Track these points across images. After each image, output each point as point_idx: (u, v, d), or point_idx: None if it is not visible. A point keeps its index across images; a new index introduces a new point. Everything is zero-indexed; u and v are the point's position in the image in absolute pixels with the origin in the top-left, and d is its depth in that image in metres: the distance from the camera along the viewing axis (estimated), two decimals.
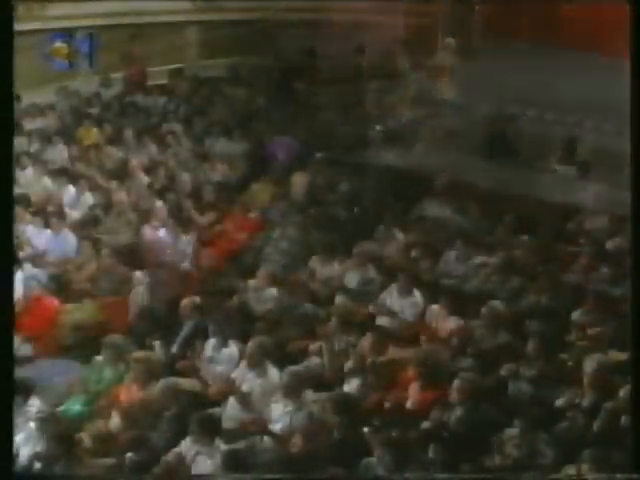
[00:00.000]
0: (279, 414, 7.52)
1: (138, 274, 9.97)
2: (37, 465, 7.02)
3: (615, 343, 7.99)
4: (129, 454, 7.03)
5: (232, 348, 8.39)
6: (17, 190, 9.24)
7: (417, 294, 9.05)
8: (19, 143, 11.70)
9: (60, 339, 9.45)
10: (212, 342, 8.45)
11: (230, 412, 7.68)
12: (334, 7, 14.90)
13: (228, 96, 14.68)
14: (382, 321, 8.83)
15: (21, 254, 9.88)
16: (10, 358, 5.60)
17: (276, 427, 7.45)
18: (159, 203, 11.11)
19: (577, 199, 10.77)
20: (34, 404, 7.60)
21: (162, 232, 10.57)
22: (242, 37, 15.60)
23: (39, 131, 13.10)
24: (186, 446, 7.06)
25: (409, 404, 7.57)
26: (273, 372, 7.93)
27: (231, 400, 7.75)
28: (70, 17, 13.03)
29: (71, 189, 11.56)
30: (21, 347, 8.52)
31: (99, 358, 8.36)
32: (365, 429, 7.00)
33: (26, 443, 7.23)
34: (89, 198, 11.41)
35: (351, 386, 7.86)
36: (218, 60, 15.95)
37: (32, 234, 10.54)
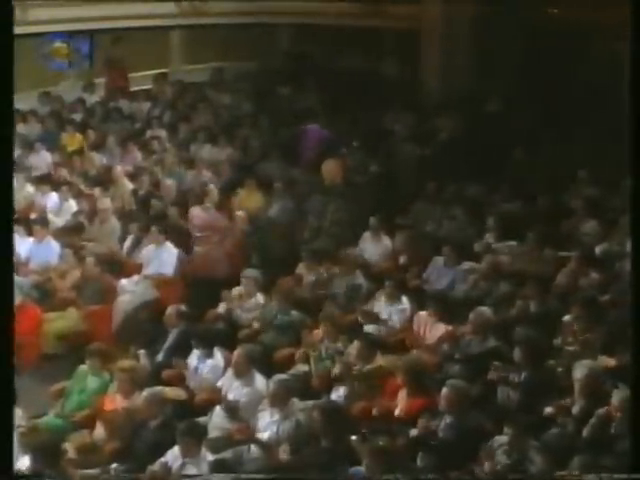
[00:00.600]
0: (266, 423, 7.53)
1: (123, 282, 9.99)
2: None
3: (605, 349, 8.03)
4: (114, 464, 7.04)
5: (218, 357, 8.41)
6: None
7: (405, 300, 9.10)
8: None
9: (43, 348, 9.46)
10: (197, 351, 8.46)
11: (216, 421, 7.70)
12: (321, 11, 14.92)
13: (213, 101, 14.72)
14: (370, 328, 8.86)
15: None
16: (10, 361, 5.62)
17: (263, 436, 7.46)
18: (211, 185, 11.34)
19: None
20: (17, 415, 7.58)
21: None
22: (226, 41, 15.63)
23: (21, 137, 13.10)
24: (173, 456, 7.07)
25: (397, 412, 7.59)
26: (260, 380, 7.95)
27: (217, 409, 7.77)
28: (52, 22, 13.03)
29: (54, 196, 11.57)
30: None
31: (83, 367, 8.36)
32: (353, 437, 7.03)
33: None
34: (73, 205, 11.42)
35: (338, 394, 7.90)
36: (202, 65, 15.98)
37: (15, 242, 10.53)
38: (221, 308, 9.43)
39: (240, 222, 10.97)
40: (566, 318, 8.44)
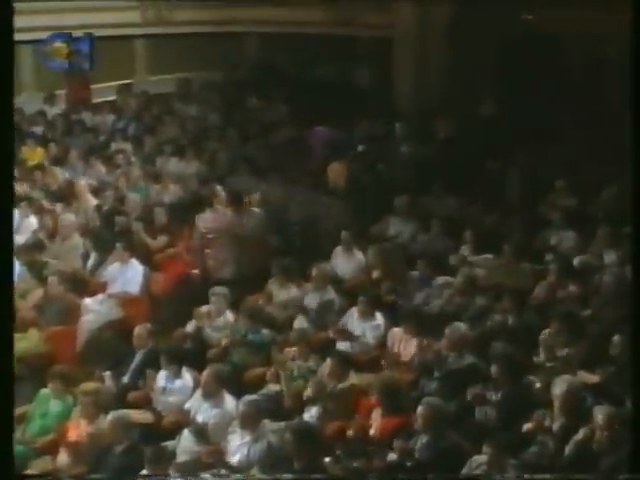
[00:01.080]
0: (237, 445, 7.50)
1: (87, 301, 9.93)
2: None
3: (585, 364, 8.06)
4: None
5: (186, 377, 8.38)
6: None
7: (379, 316, 9.11)
8: None
9: None
10: (165, 371, 8.42)
11: (185, 444, 7.65)
12: (290, 19, 14.95)
13: (179, 113, 14.69)
14: (343, 345, 8.87)
15: None
16: (10, 357, 5.59)
17: (234, 459, 7.43)
18: (219, 187, 11.42)
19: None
20: None
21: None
22: (193, 51, 15.62)
23: None
24: None
25: (372, 432, 7.58)
26: (229, 401, 7.91)
27: (186, 432, 7.73)
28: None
29: (14, 212, 11.47)
30: None
31: (45, 391, 8.29)
32: (327, 459, 7.01)
33: None
34: (33, 222, 11.34)
35: (311, 414, 7.89)
36: (168, 75, 15.96)
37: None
38: (190, 327, 9.40)
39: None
40: (545, 333, 8.46)
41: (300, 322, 9.36)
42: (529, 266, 9.82)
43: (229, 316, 9.38)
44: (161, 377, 8.43)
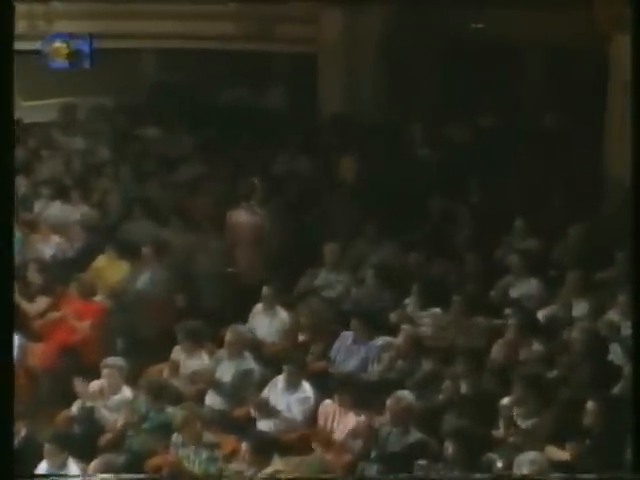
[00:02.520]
0: None
1: None
2: None
3: (553, 437, 8.14)
4: None
5: (73, 470, 8.27)
6: None
7: (307, 387, 9.14)
8: None
9: None
10: (46, 464, 8.32)
11: None
12: (196, 33, 15.01)
13: (62, 146, 14.61)
14: (264, 424, 8.86)
15: None
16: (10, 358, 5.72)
17: None
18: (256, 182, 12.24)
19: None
20: None
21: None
22: (78, 71, 15.55)
23: None
24: None
25: None
26: None
27: None
28: None
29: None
30: None
31: None
32: None
33: None
34: None
35: None
36: (48, 100, 15.86)
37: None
38: (77, 407, 9.33)
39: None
40: (505, 401, 8.55)
41: (212, 398, 9.35)
42: (484, 322, 9.95)
43: (126, 392, 9.35)
44: (41, 471, 8.31)
